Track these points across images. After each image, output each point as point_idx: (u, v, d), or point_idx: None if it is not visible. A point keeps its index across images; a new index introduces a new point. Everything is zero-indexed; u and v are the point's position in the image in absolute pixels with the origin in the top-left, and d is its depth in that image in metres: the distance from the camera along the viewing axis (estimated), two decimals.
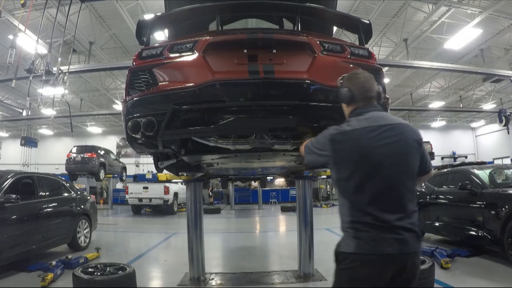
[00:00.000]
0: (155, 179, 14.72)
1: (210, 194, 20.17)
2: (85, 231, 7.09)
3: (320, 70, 2.71)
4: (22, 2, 6.68)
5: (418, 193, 1.65)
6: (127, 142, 3.18)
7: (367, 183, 1.73)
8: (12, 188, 5.31)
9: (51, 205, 6.09)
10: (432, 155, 17.04)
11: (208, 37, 2.79)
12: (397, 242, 1.67)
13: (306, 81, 2.63)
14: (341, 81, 2.01)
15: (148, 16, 6.14)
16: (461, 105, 19.90)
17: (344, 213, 1.79)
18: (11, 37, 7.53)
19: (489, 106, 20.27)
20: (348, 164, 1.77)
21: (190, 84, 2.62)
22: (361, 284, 1.67)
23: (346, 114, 1.99)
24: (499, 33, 12.06)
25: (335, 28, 4.98)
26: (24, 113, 15.64)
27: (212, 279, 4.87)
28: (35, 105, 13.03)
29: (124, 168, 19.12)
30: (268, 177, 11.32)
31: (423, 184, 7.47)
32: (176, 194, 15.26)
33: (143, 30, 3.21)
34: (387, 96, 3.04)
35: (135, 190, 14.71)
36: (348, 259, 1.72)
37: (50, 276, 4.62)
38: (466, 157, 24.15)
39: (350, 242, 1.72)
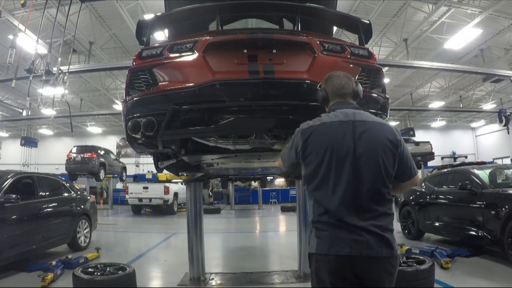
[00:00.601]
0: (155, 179, 14.75)
1: (210, 194, 20.17)
2: (85, 231, 7.08)
3: (320, 70, 2.70)
4: (22, 2, 6.67)
5: (393, 197, 1.62)
6: (127, 142, 3.18)
7: (330, 179, 1.67)
8: (12, 188, 5.30)
9: (51, 205, 6.08)
10: (432, 155, 17.01)
11: (208, 37, 2.79)
12: (355, 243, 1.59)
13: (306, 81, 2.63)
14: (320, 84, 2.02)
15: (148, 16, 6.14)
16: (461, 105, 19.90)
17: (311, 212, 1.75)
18: (11, 37, 7.53)
19: (489, 106, 20.27)
20: (314, 158, 1.72)
21: (190, 84, 2.62)
22: (326, 285, 1.62)
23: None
24: (499, 33, 12.06)
25: (335, 28, 4.98)
26: (24, 113, 15.64)
27: (212, 279, 4.87)
28: (35, 105, 13.03)
29: (124, 168, 19.13)
30: (268, 177, 11.33)
31: (423, 184, 7.47)
32: (176, 194, 15.26)
33: (143, 30, 3.21)
34: (387, 96, 3.04)
35: (135, 190, 14.72)
36: (312, 259, 1.69)
37: (50, 276, 4.62)
38: (466, 157, 24.15)
39: (312, 242, 1.70)
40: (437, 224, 6.60)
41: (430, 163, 17.97)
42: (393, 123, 23.06)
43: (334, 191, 1.65)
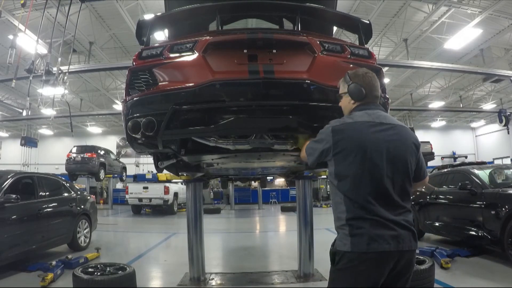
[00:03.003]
0: (155, 179, 14.75)
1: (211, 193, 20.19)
2: (85, 231, 7.09)
3: (320, 70, 2.71)
4: (22, 2, 6.67)
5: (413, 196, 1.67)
6: (127, 142, 3.18)
7: (365, 177, 1.72)
8: (12, 188, 5.30)
9: (51, 205, 6.09)
10: (432, 155, 17.03)
11: (208, 37, 2.79)
12: (392, 238, 1.66)
13: (306, 81, 2.63)
14: (349, 77, 1.99)
15: (148, 16, 6.14)
16: (461, 105, 19.90)
17: (339, 210, 1.76)
18: (11, 37, 7.53)
19: (489, 106, 20.27)
20: (347, 156, 1.76)
21: (190, 84, 2.62)
22: (366, 284, 1.65)
23: (346, 110, 2.01)
24: (499, 33, 12.05)
25: (335, 28, 4.98)
26: (24, 113, 15.64)
27: (212, 279, 4.87)
28: (35, 105, 13.04)
29: (124, 168, 19.13)
30: (268, 177, 11.32)
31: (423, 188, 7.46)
32: (176, 194, 15.27)
33: (143, 30, 3.21)
34: (387, 96, 3.04)
35: (135, 190, 14.72)
36: (344, 258, 1.69)
37: (50, 276, 4.62)
38: (466, 157, 24.16)
39: (344, 240, 1.70)
40: (437, 224, 6.60)
41: (430, 163, 17.95)
42: None
43: (370, 189, 1.70)
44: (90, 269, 4.14)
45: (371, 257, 1.64)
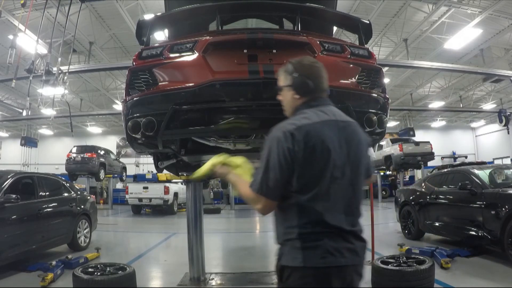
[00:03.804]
0: (155, 179, 14.74)
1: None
2: (85, 231, 7.08)
3: None
4: (22, 2, 6.67)
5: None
6: (127, 142, 3.18)
7: (332, 185, 1.50)
8: (12, 188, 5.30)
9: (51, 205, 6.08)
10: (432, 155, 17.00)
11: (208, 37, 2.79)
12: (349, 252, 1.49)
13: None
14: (294, 67, 1.67)
15: (148, 16, 6.14)
16: (461, 105, 19.89)
17: (289, 221, 1.51)
18: (11, 37, 7.53)
19: (489, 106, 20.27)
20: (311, 163, 1.48)
21: (190, 84, 2.63)
22: None
23: (290, 106, 1.70)
24: (499, 33, 12.05)
25: (335, 28, 4.98)
26: (24, 113, 15.64)
27: (212, 279, 4.87)
28: (35, 105, 13.03)
29: (124, 168, 19.12)
30: None
31: (423, 184, 7.47)
32: (176, 194, 15.26)
33: (143, 30, 3.21)
34: (387, 96, 3.04)
35: (135, 190, 14.71)
36: (296, 274, 1.46)
37: (50, 276, 4.62)
38: (466, 157, 24.14)
39: (295, 254, 1.46)
40: (437, 224, 6.60)
41: (430, 163, 17.95)
42: (393, 123, 23.08)
43: (334, 198, 1.50)
44: (90, 269, 4.13)
45: (326, 272, 1.45)
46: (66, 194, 6.79)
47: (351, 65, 2.86)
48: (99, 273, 4.04)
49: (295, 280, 1.46)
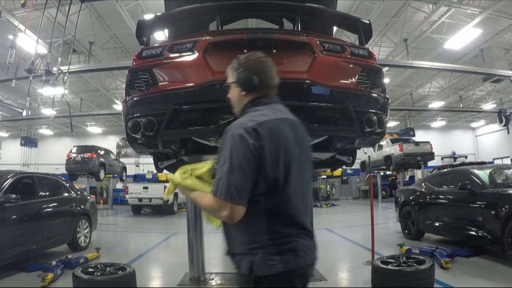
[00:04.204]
0: (155, 179, 14.73)
1: None
2: (85, 231, 7.08)
3: (320, 70, 2.71)
4: (22, 2, 6.66)
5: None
6: (127, 142, 3.18)
7: (294, 185, 1.45)
8: (12, 188, 5.30)
9: (51, 205, 6.09)
10: (432, 155, 17.01)
11: (208, 37, 2.79)
12: (312, 250, 1.50)
13: (306, 81, 2.63)
14: (239, 62, 1.63)
15: (148, 16, 6.14)
16: (461, 105, 19.89)
17: (257, 228, 1.41)
18: (11, 37, 7.53)
19: (489, 106, 20.26)
20: (274, 163, 1.40)
21: (190, 84, 2.63)
22: None
23: (238, 103, 1.66)
24: (499, 33, 12.05)
25: (335, 28, 4.98)
26: (24, 113, 15.63)
27: (212, 279, 4.87)
28: (35, 105, 13.02)
29: (124, 168, 19.11)
30: None
31: (423, 184, 7.47)
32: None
33: (143, 30, 3.22)
34: (387, 96, 3.04)
35: (135, 190, 14.71)
36: (275, 282, 1.37)
37: (50, 276, 4.62)
38: (466, 157, 24.13)
39: (269, 261, 1.37)
40: (437, 224, 6.60)
41: (430, 163, 17.96)
42: (393, 123, 23.08)
43: (299, 198, 1.46)
44: (90, 269, 4.14)
45: (304, 271, 1.43)
46: (66, 194, 6.79)
47: (351, 65, 2.86)
48: (99, 273, 4.04)
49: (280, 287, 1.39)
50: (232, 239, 1.49)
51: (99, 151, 16.24)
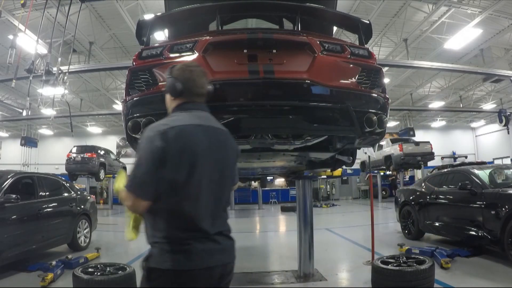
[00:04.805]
0: None
1: None
2: (85, 231, 7.09)
3: (320, 70, 2.71)
4: (22, 2, 6.67)
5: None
6: (127, 142, 3.19)
7: (201, 190, 1.55)
8: (12, 188, 5.30)
9: (51, 205, 6.09)
10: (432, 155, 17.00)
11: (208, 37, 2.79)
12: (218, 252, 1.57)
13: (306, 81, 2.63)
14: (170, 70, 1.76)
15: (148, 16, 6.14)
16: (461, 105, 19.90)
17: (158, 224, 1.54)
18: (11, 37, 7.53)
19: (489, 106, 20.27)
20: (177, 165, 1.51)
21: None
22: None
23: (169, 108, 1.77)
24: (499, 33, 12.06)
25: (335, 28, 4.98)
26: (24, 113, 15.64)
27: None
28: (35, 105, 13.03)
29: (124, 168, 19.09)
30: (268, 177, 11.32)
31: (423, 184, 7.47)
32: None
33: (143, 30, 3.22)
34: (387, 96, 3.04)
35: None
36: (164, 276, 1.49)
37: (50, 276, 4.62)
38: (466, 157, 24.15)
39: (164, 257, 1.49)
40: (437, 224, 6.60)
41: (430, 163, 17.97)
42: (393, 123, 23.08)
43: (201, 201, 1.55)
44: (90, 269, 4.14)
45: (194, 274, 1.49)
46: (66, 194, 6.79)
47: (351, 65, 2.86)
48: (99, 273, 4.04)
49: (164, 282, 1.49)
50: (146, 230, 1.63)
51: (99, 151, 16.24)
